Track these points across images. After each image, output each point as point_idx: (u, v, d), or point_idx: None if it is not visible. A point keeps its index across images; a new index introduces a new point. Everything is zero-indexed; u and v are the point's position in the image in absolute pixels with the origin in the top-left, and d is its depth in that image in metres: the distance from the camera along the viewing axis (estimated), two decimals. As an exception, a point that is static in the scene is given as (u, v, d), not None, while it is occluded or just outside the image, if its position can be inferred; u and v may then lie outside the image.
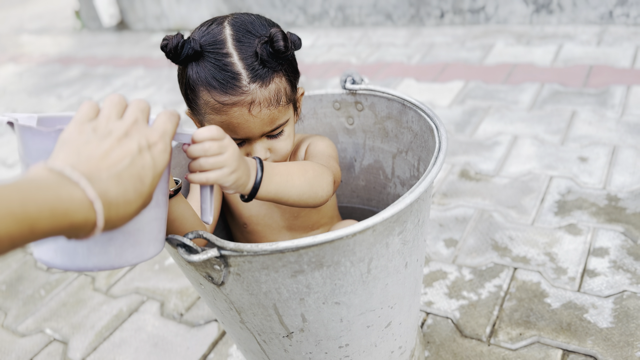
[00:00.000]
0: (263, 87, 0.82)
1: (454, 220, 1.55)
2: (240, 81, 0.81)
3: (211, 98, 0.82)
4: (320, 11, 3.41)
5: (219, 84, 0.81)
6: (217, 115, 0.83)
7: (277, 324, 0.85)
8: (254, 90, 0.82)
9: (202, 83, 0.82)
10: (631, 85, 2.05)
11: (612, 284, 1.26)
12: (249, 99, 0.82)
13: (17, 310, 1.59)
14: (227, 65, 0.81)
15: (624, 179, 1.57)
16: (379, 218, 0.73)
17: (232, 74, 0.81)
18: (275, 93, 0.84)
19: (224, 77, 0.81)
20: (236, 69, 0.81)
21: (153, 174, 0.56)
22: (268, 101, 0.83)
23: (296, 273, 0.76)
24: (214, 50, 0.81)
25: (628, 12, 2.54)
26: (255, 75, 0.82)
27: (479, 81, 2.34)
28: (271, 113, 0.85)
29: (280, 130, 0.90)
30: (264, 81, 0.82)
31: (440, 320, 1.26)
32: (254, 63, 0.82)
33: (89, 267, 0.62)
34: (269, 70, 0.83)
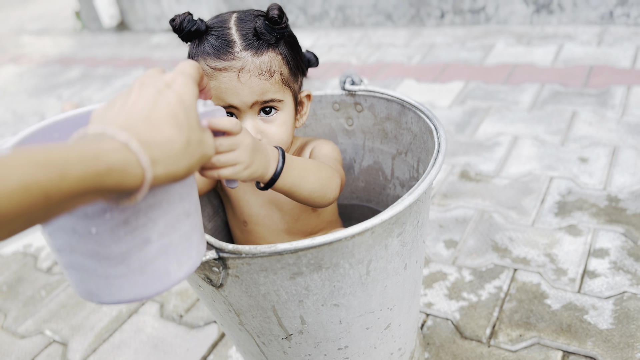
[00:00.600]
0: (255, 57, 0.85)
1: (454, 221, 1.55)
2: (233, 47, 0.85)
3: (205, 64, 0.86)
4: (321, 11, 3.41)
5: (213, 50, 0.85)
6: (210, 81, 0.86)
7: (276, 326, 0.85)
8: (245, 57, 0.85)
9: (200, 53, 0.87)
10: (632, 85, 2.04)
11: (613, 285, 1.25)
12: (238, 64, 0.84)
13: (17, 311, 1.59)
14: (224, 35, 0.86)
15: (624, 179, 1.57)
16: (378, 220, 0.73)
17: (227, 42, 0.85)
18: (267, 65, 0.86)
19: (219, 44, 0.85)
20: (231, 38, 0.86)
21: (183, 107, 0.54)
22: (259, 70, 0.85)
23: (295, 275, 0.76)
24: (217, 26, 0.87)
25: (629, 12, 2.54)
26: (249, 44, 0.85)
27: (479, 81, 2.34)
28: (261, 83, 0.86)
29: (273, 107, 0.89)
30: (256, 51, 0.85)
31: (440, 321, 1.25)
32: (249, 34, 0.86)
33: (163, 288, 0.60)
34: (263, 42, 0.86)
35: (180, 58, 3.44)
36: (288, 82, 0.90)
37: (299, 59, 0.93)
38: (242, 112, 0.88)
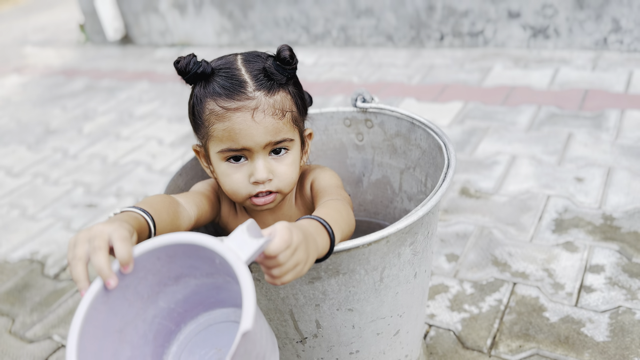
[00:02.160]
0: (268, 96, 0.86)
1: (455, 236, 1.60)
2: (246, 87, 0.85)
3: (216, 105, 0.86)
4: (323, 31, 3.49)
5: (225, 91, 0.85)
6: (221, 122, 0.86)
7: (292, 329, 0.89)
8: (258, 97, 0.85)
9: (209, 94, 0.87)
10: (625, 109, 2.12)
11: (608, 299, 1.30)
12: (253, 104, 0.85)
13: (25, 317, 1.61)
14: (234, 76, 0.86)
15: (618, 199, 1.63)
16: (394, 229, 0.78)
17: (239, 82, 0.85)
18: (280, 104, 0.87)
19: (230, 84, 0.85)
20: (243, 77, 0.86)
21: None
22: (272, 109, 0.86)
23: (314, 280, 0.81)
24: (224, 68, 0.88)
25: (622, 39, 2.63)
26: (261, 84, 0.86)
27: (477, 102, 2.41)
28: (275, 122, 0.86)
29: (284, 148, 0.90)
30: (269, 91, 0.86)
31: (442, 332, 1.30)
32: (260, 74, 0.87)
33: None
34: (274, 82, 0.87)
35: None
36: (297, 121, 0.92)
37: (304, 98, 0.95)
38: (254, 152, 0.88)
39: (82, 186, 2.33)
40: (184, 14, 4.04)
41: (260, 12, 3.67)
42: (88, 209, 2.14)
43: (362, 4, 3.26)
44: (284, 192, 0.92)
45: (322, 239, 0.72)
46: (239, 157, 0.89)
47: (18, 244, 1.99)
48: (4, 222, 2.16)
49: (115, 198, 2.18)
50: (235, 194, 0.91)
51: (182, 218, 0.86)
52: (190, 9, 3.98)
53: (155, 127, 2.80)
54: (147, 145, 2.62)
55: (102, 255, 0.61)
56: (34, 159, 2.71)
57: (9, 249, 1.97)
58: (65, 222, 2.07)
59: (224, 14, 3.84)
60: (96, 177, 2.39)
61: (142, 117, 2.98)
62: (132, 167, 2.41)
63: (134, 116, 3.01)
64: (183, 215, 0.87)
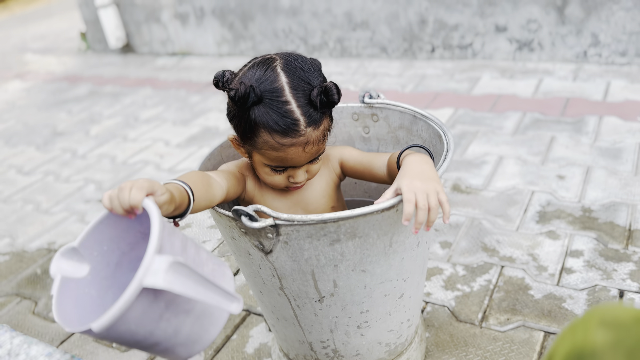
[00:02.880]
0: (316, 130, 0.97)
1: (448, 226, 1.75)
2: (299, 126, 0.95)
3: (272, 139, 0.96)
4: (320, 42, 3.66)
5: (281, 129, 0.94)
6: (275, 152, 0.98)
7: (312, 289, 1.03)
8: (309, 133, 0.96)
9: (264, 126, 0.95)
10: (603, 115, 2.30)
11: (586, 279, 1.45)
12: (304, 140, 0.96)
13: (47, 299, 1.72)
14: (287, 113, 0.94)
15: (596, 194, 1.79)
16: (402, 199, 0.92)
17: (293, 121, 0.94)
18: (323, 132, 1.00)
19: (285, 124, 0.94)
20: (295, 115, 0.94)
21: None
22: (318, 140, 0.99)
23: (334, 242, 0.94)
24: (273, 98, 0.94)
25: (600, 52, 2.83)
26: (311, 120, 0.96)
27: (467, 109, 2.58)
28: (318, 148, 1.01)
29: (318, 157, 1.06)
30: (317, 125, 0.97)
31: (438, 307, 1.44)
32: (310, 110, 0.95)
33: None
34: (321, 115, 0.98)
35: (184, 80, 3.64)
36: (330, 130, 1.05)
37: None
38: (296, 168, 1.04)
39: (93, 183, 2.45)
40: (185, 24, 4.19)
41: (260, 24, 3.83)
42: (101, 203, 2.26)
43: (357, 17, 3.44)
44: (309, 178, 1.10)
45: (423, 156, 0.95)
46: (283, 169, 1.04)
47: (34, 236, 2.10)
48: (19, 216, 2.27)
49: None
50: (273, 186, 1.09)
51: (216, 188, 1.00)
52: (192, 19, 4.13)
53: (161, 130, 2.93)
54: (154, 146, 2.74)
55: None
56: (44, 158, 2.82)
57: (26, 239, 2.08)
58: (80, 216, 2.19)
59: (225, 24, 4.00)
60: (107, 175, 2.50)
61: (148, 120, 3.10)
62: (141, 166, 2.54)
63: (140, 119, 3.13)
64: (216, 187, 1.00)
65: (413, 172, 0.90)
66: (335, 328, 1.10)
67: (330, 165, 1.19)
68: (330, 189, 1.19)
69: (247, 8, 3.83)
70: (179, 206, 0.84)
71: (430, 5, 3.17)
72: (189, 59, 4.20)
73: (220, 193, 1.01)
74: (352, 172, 1.19)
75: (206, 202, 0.94)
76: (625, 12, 2.68)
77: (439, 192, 0.86)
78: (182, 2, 4.10)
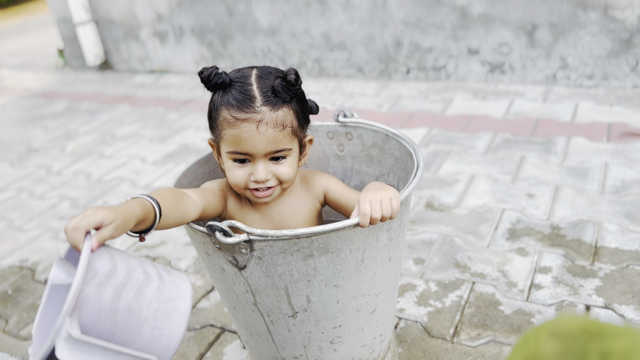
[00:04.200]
0: (272, 111, 1.02)
1: (421, 243, 1.78)
2: (254, 102, 1.01)
3: (228, 114, 1.02)
4: (299, 62, 3.71)
5: (237, 103, 1.02)
6: (231, 129, 1.02)
7: (286, 304, 1.04)
8: (263, 111, 1.01)
9: (224, 103, 1.03)
10: (571, 136, 2.38)
11: (554, 295, 1.49)
12: (258, 117, 1.01)
13: (18, 317, 1.70)
14: (247, 91, 1.02)
15: (564, 212, 1.85)
16: (374, 214, 0.94)
17: (249, 97, 1.02)
18: (282, 119, 1.03)
19: (242, 98, 1.02)
20: (253, 93, 1.02)
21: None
22: (274, 123, 1.02)
23: (307, 257, 0.96)
24: (240, 81, 1.04)
25: (569, 75, 2.93)
26: (267, 100, 1.02)
27: (440, 129, 2.64)
28: (275, 134, 1.03)
29: (283, 156, 1.07)
30: (273, 106, 1.02)
31: (411, 323, 1.46)
32: (268, 92, 1.03)
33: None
34: (279, 99, 1.03)
35: (162, 97, 3.65)
36: (296, 133, 1.08)
37: (306, 111, 1.12)
38: (256, 158, 1.05)
39: (68, 200, 2.43)
40: (164, 42, 4.21)
41: (239, 43, 3.87)
42: (75, 220, 2.24)
43: (335, 38, 3.50)
44: (283, 185, 1.10)
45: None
46: (244, 160, 1.06)
47: (7, 253, 2.07)
48: (-9, 233, 2.23)
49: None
50: (235, 185, 1.09)
51: (189, 205, 1.01)
52: (171, 37, 4.15)
53: (137, 147, 2.93)
54: (130, 163, 2.74)
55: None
56: (18, 175, 2.79)
57: (-2, 257, 2.05)
58: (54, 233, 2.16)
59: (204, 43, 4.03)
60: (82, 192, 2.49)
61: (125, 137, 3.10)
62: (116, 183, 2.53)
63: (116, 136, 3.12)
64: (189, 204, 1.01)
65: (370, 187, 0.99)
66: (308, 344, 1.11)
67: (315, 192, 1.21)
68: (313, 216, 1.22)
69: (226, 27, 3.87)
70: (144, 221, 0.86)
71: (406, 29, 3.25)
72: (167, 77, 4.22)
73: (195, 211, 1.03)
74: (333, 204, 1.21)
75: (177, 218, 0.96)
76: (591, 37, 2.79)
77: (391, 197, 0.95)
78: (161, 20, 4.13)
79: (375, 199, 0.94)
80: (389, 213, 0.94)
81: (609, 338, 0.41)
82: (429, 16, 3.15)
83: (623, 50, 2.75)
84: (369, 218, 0.92)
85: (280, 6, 3.58)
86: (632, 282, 1.49)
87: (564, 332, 0.44)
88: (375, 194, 0.95)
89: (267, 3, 3.61)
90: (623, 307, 1.41)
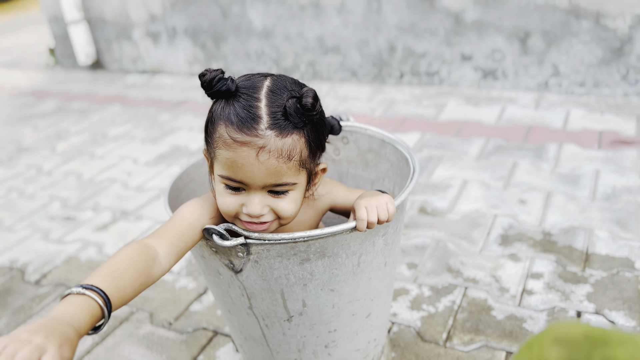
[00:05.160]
0: (278, 137, 0.84)
1: (414, 248, 1.78)
2: (259, 124, 0.83)
3: (226, 133, 0.85)
4: (292, 65, 3.71)
5: (237, 121, 0.84)
6: (226, 151, 0.85)
7: (281, 308, 1.04)
8: (267, 136, 0.83)
9: (223, 118, 0.86)
10: (562, 143, 2.40)
11: (546, 300, 1.51)
12: (260, 142, 0.83)
13: (8, 318, 1.68)
14: (252, 107, 0.84)
15: (555, 218, 1.86)
16: (371, 219, 0.95)
17: (253, 116, 0.83)
18: (288, 148, 0.85)
19: (244, 116, 0.83)
20: (259, 112, 0.84)
21: None
22: (278, 152, 0.84)
23: (304, 261, 0.96)
24: (247, 93, 0.86)
25: (561, 82, 2.96)
26: (275, 123, 0.83)
27: (434, 134, 2.65)
28: (278, 166, 0.85)
29: (284, 191, 0.90)
30: (281, 132, 0.84)
31: (404, 328, 1.46)
32: (278, 113, 0.84)
33: None
34: (290, 123, 0.85)
35: (154, 98, 3.63)
36: (305, 164, 0.90)
37: (322, 138, 0.94)
38: (251, 189, 0.88)
39: (58, 200, 2.41)
40: (157, 42, 4.20)
41: (233, 45, 3.87)
42: (66, 221, 2.22)
43: (329, 42, 3.51)
44: (281, 221, 0.95)
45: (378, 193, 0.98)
46: (238, 188, 0.90)
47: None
48: (-21, 233, 2.21)
49: (93, 212, 2.27)
50: (224, 212, 0.93)
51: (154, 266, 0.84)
52: (164, 38, 4.14)
53: (129, 148, 2.91)
54: (122, 164, 2.72)
55: None
56: (7, 174, 2.76)
57: (-13, 257, 2.03)
58: (44, 233, 2.14)
59: (197, 44, 4.02)
60: (72, 193, 2.47)
61: (116, 137, 3.08)
62: (108, 184, 2.51)
63: (108, 137, 3.10)
64: (155, 263, 0.84)
65: (364, 194, 0.99)
66: (303, 348, 1.11)
67: (319, 207, 1.13)
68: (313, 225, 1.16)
69: (219, 29, 3.86)
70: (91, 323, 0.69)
71: (399, 33, 3.26)
72: (159, 77, 4.20)
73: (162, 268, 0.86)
74: (338, 211, 1.15)
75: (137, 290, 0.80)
76: (583, 45, 2.82)
77: (387, 202, 0.94)
78: (154, 20, 4.11)
79: (370, 204, 0.94)
80: (386, 217, 0.93)
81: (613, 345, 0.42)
82: (423, 22, 3.17)
83: (614, 58, 2.78)
84: (366, 222, 0.92)
85: (274, 9, 3.58)
86: (622, 289, 1.51)
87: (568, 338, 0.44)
88: (370, 199, 0.95)
89: (262, 5, 3.61)
90: (613, 313, 1.43)
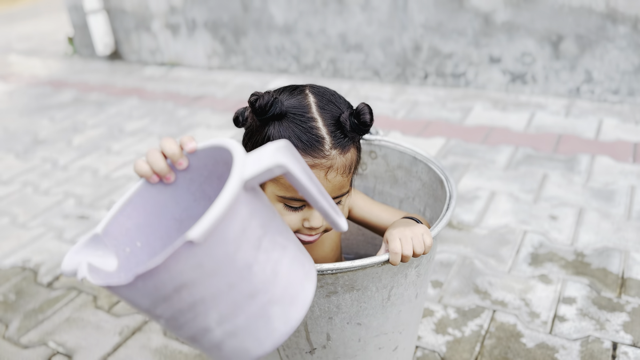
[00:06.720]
0: (341, 155, 0.88)
1: (439, 264, 1.71)
2: (324, 145, 0.86)
3: None
4: (313, 62, 3.63)
5: (303, 145, 0.85)
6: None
7: (304, 340, 0.97)
8: (334, 156, 0.86)
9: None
10: (595, 154, 2.29)
11: (579, 329, 1.42)
12: (328, 163, 0.86)
13: (19, 322, 1.63)
14: (312, 129, 0.86)
15: (589, 237, 1.77)
16: (405, 251, 0.87)
17: (317, 137, 0.85)
18: (350, 163, 0.90)
19: (309, 139, 0.85)
20: (321, 133, 0.86)
21: None
22: (343, 168, 0.89)
23: (330, 294, 0.89)
24: (298, 113, 0.86)
25: (593, 89, 2.84)
26: (337, 142, 0.87)
27: (459, 139, 2.56)
28: (342, 180, 0.90)
29: (339, 201, 0.95)
30: (343, 149, 0.88)
31: (428, 353, 1.39)
32: (337, 131, 0.87)
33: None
34: (349, 139, 0.89)
35: (172, 92, 3.57)
36: (357, 169, 0.95)
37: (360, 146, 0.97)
38: None
39: (73, 197, 2.36)
40: (176, 35, 4.13)
41: (253, 39, 3.79)
42: (80, 220, 2.17)
43: (352, 39, 3.42)
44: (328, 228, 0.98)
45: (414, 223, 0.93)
46: (301, 206, 0.91)
47: (9, 251, 2.01)
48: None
49: (107, 211, 2.22)
50: None
51: None
52: (183, 30, 4.07)
53: (146, 144, 2.86)
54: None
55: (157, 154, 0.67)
56: (23, 167, 2.72)
57: (0, 255, 1.99)
58: (57, 232, 2.10)
59: (217, 38, 3.95)
60: (87, 190, 2.42)
61: (133, 132, 3.03)
62: (124, 182, 2.46)
63: (125, 131, 3.06)
64: None
65: (398, 223, 0.93)
66: (325, 380, 1.04)
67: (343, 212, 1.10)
68: (339, 240, 1.13)
69: (240, 23, 3.79)
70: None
71: (425, 33, 3.16)
72: (178, 70, 4.14)
73: None
74: (359, 220, 1.12)
75: None
76: (619, 52, 2.70)
77: (423, 234, 0.87)
78: (174, 12, 4.05)
79: (405, 235, 0.86)
80: (422, 249, 0.86)
81: None
82: (450, 21, 3.06)
83: (651, 66, 2.66)
84: (400, 256, 0.85)
85: (297, 4, 3.49)
86: (663, 320, 1.42)
87: None
88: (405, 229, 0.88)
89: (284, 0, 3.53)
90: (654, 348, 1.34)
